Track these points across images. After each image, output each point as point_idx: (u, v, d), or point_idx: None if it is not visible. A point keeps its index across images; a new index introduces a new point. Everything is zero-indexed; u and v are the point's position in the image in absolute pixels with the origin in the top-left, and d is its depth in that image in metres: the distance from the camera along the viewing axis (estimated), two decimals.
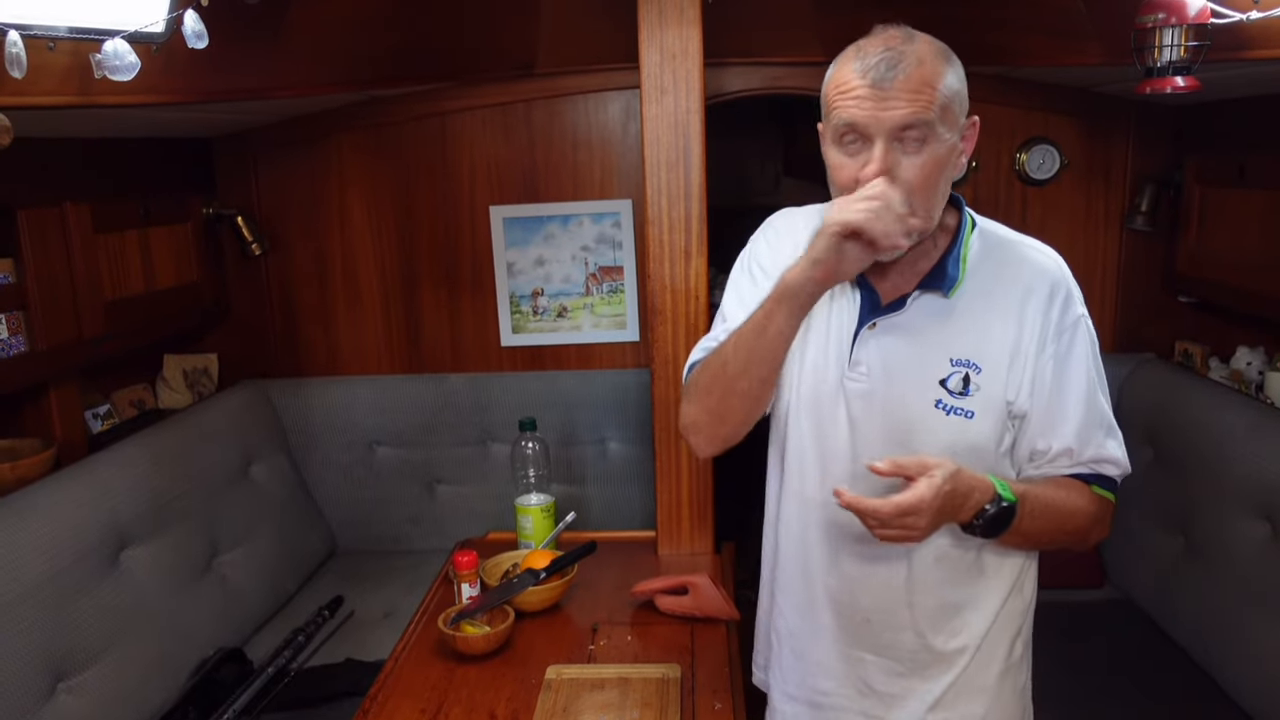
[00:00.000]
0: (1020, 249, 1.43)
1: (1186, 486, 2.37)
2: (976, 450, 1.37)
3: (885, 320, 1.41)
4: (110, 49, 1.58)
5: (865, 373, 1.41)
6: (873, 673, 1.50)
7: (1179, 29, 1.68)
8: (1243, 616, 2.11)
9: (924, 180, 1.29)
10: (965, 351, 1.37)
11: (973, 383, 1.36)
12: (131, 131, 2.47)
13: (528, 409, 2.69)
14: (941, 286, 1.38)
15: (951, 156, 1.32)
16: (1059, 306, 1.37)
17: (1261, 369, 2.46)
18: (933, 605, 1.45)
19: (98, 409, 2.52)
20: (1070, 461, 1.41)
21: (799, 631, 1.56)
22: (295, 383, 3.00)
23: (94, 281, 2.27)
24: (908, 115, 1.26)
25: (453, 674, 1.76)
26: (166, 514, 2.25)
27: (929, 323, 1.39)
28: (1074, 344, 1.38)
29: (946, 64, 1.30)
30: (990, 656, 1.48)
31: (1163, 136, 2.81)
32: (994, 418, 1.37)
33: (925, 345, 1.39)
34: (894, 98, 1.25)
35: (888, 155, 1.27)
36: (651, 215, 2.12)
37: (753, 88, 2.84)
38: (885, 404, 1.40)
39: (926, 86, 1.26)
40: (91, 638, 1.92)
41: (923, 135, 1.27)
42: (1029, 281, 1.38)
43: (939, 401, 1.37)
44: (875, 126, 1.27)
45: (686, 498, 2.23)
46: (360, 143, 2.92)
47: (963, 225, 1.42)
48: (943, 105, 1.27)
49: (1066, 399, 1.38)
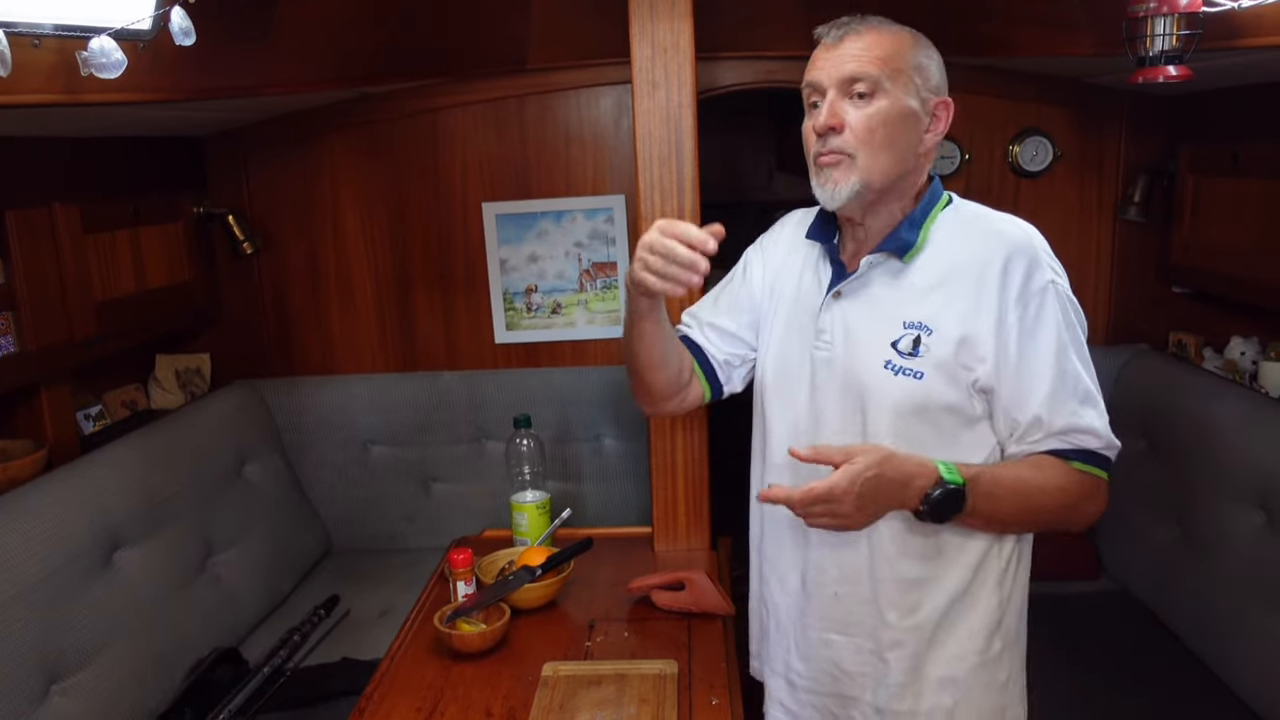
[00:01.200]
0: (989, 221, 1.46)
1: (1181, 476, 2.37)
2: (925, 411, 1.40)
3: (846, 286, 1.47)
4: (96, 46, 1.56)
5: (829, 340, 1.47)
6: (842, 653, 1.52)
7: (1171, 18, 1.68)
8: (1239, 605, 2.11)
9: (868, 131, 1.37)
10: (918, 315, 1.40)
11: (923, 344, 1.39)
12: (120, 130, 2.46)
13: (522, 406, 2.68)
14: (896, 249, 1.43)
15: (906, 119, 1.39)
16: (1020, 274, 1.37)
17: (1255, 358, 2.46)
18: (892, 581, 1.47)
19: (90, 410, 2.51)
20: (1043, 433, 1.40)
21: (780, 605, 1.61)
22: (289, 382, 2.99)
23: (84, 282, 2.26)
24: (854, 69, 1.36)
25: (449, 672, 1.75)
26: (160, 514, 2.24)
27: (885, 288, 1.44)
28: (1042, 311, 1.37)
29: (911, 41, 1.40)
30: (961, 646, 1.48)
31: (1156, 126, 2.80)
32: (945, 379, 1.39)
33: (880, 310, 1.43)
34: (842, 53, 1.38)
35: (835, 104, 1.38)
36: (644, 211, 2.11)
37: (745, 82, 2.83)
38: (844, 369, 1.45)
39: (876, 46, 1.37)
40: (85, 639, 1.91)
41: (869, 89, 1.37)
42: (990, 250, 1.40)
43: (888, 362, 1.40)
44: (825, 79, 1.39)
45: (682, 493, 2.22)
46: (352, 140, 2.90)
47: (930, 195, 1.46)
48: (895, 67, 1.37)
49: (1033, 367, 1.37)
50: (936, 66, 1.42)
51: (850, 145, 1.38)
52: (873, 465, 1.29)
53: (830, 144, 1.39)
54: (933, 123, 1.43)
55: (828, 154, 1.39)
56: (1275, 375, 2.34)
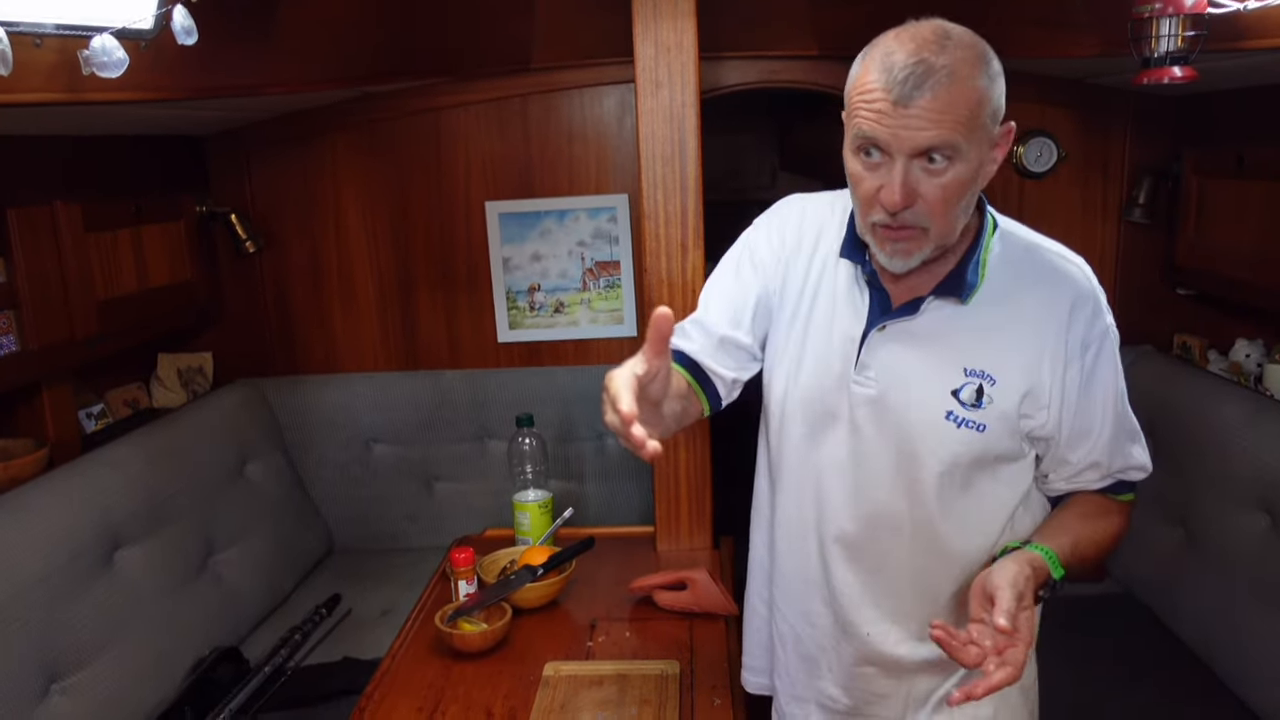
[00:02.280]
0: (1045, 256, 1.36)
1: (1186, 479, 2.36)
2: (980, 463, 1.34)
3: (896, 325, 1.35)
4: (98, 45, 1.56)
5: (874, 377, 1.35)
6: (874, 680, 1.49)
7: (1176, 19, 1.67)
8: (1243, 608, 2.10)
9: (944, 203, 1.21)
10: (980, 362, 1.31)
11: (986, 395, 1.31)
12: (122, 129, 2.46)
13: (525, 405, 2.68)
14: (959, 293, 1.32)
15: (978, 172, 1.24)
16: (1084, 321, 1.31)
17: (1260, 361, 2.45)
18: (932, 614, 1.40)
19: (91, 408, 2.51)
20: (1098, 475, 1.39)
21: (804, 636, 1.54)
22: (291, 381, 2.99)
23: (86, 280, 2.26)
24: (931, 139, 1.17)
25: (450, 671, 1.75)
26: (161, 513, 2.24)
27: (943, 330, 1.33)
28: (1100, 356, 1.33)
29: (982, 71, 1.20)
30: None
31: (1160, 128, 2.80)
32: (1005, 431, 1.32)
33: (938, 353, 1.33)
34: (916, 118, 1.16)
35: (908, 178, 1.19)
36: (647, 210, 2.11)
37: (748, 81, 2.83)
38: (894, 411, 1.35)
39: (954, 105, 1.16)
40: (86, 638, 1.91)
41: (948, 156, 1.19)
42: (1053, 295, 1.32)
43: (950, 413, 1.32)
44: (895, 146, 1.18)
45: (684, 493, 2.22)
46: (354, 139, 2.90)
47: (983, 228, 1.35)
48: (971, 124, 1.18)
49: (1094, 413, 1.34)
50: (1001, 89, 1.24)
51: (924, 218, 1.23)
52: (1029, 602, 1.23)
53: (903, 219, 1.22)
54: (997, 154, 1.28)
55: (899, 228, 1.24)
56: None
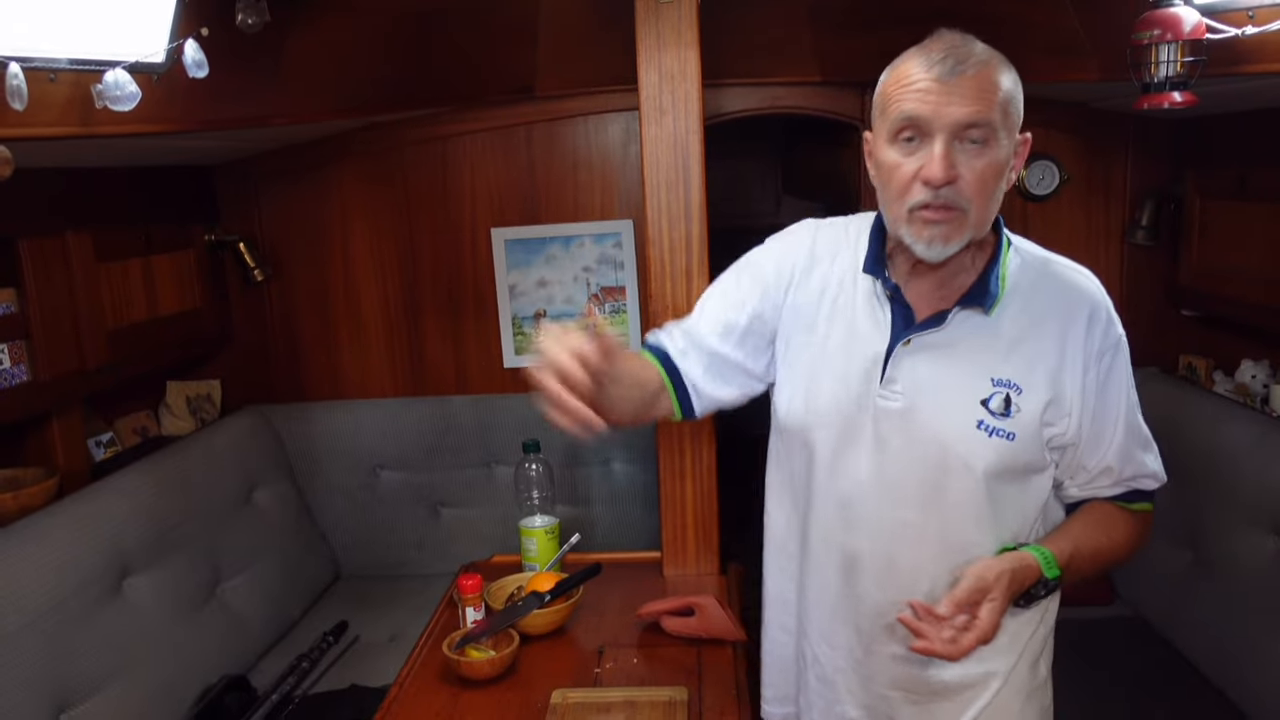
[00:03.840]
0: (1059, 268, 1.41)
1: (1194, 501, 2.35)
2: (1009, 473, 1.35)
3: (921, 338, 1.36)
4: (111, 79, 1.59)
5: (901, 391, 1.36)
6: (898, 706, 1.48)
7: (1175, 45, 1.69)
8: (1253, 631, 2.09)
9: (982, 185, 1.25)
10: (1007, 372, 1.33)
11: (1014, 404, 1.33)
12: (133, 160, 2.48)
13: (531, 430, 2.67)
14: (983, 304, 1.34)
15: (1006, 166, 1.28)
16: (1100, 330, 1.35)
17: (1266, 382, 2.45)
18: None
19: (101, 437, 2.52)
20: (1110, 481, 1.41)
21: (824, 658, 1.53)
22: (298, 408, 3.00)
23: (96, 310, 2.28)
24: (973, 113, 1.22)
25: (457, 699, 1.74)
26: (169, 541, 2.24)
27: (969, 340, 1.35)
28: (1114, 365, 1.37)
29: (1007, 71, 1.27)
30: (1019, 679, 1.46)
31: (1162, 151, 2.81)
32: (1032, 439, 1.34)
33: (967, 363, 1.35)
34: (959, 92, 1.22)
35: (949, 153, 1.23)
36: (652, 236, 2.12)
37: (752, 108, 2.85)
38: (923, 422, 1.36)
39: (991, 85, 1.23)
40: (94, 667, 1.91)
41: (984, 136, 1.24)
42: (1071, 304, 1.36)
43: (981, 422, 1.33)
44: (938, 121, 1.23)
45: (691, 518, 2.22)
46: (361, 168, 2.93)
47: (1001, 242, 1.39)
48: (1003, 109, 1.24)
49: (1108, 420, 1.37)
50: (1021, 96, 1.29)
51: (964, 199, 1.25)
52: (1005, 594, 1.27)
53: (944, 197, 1.25)
54: (1016, 161, 1.31)
55: (940, 208, 1.26)
56: None
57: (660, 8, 2.03)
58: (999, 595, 1.26)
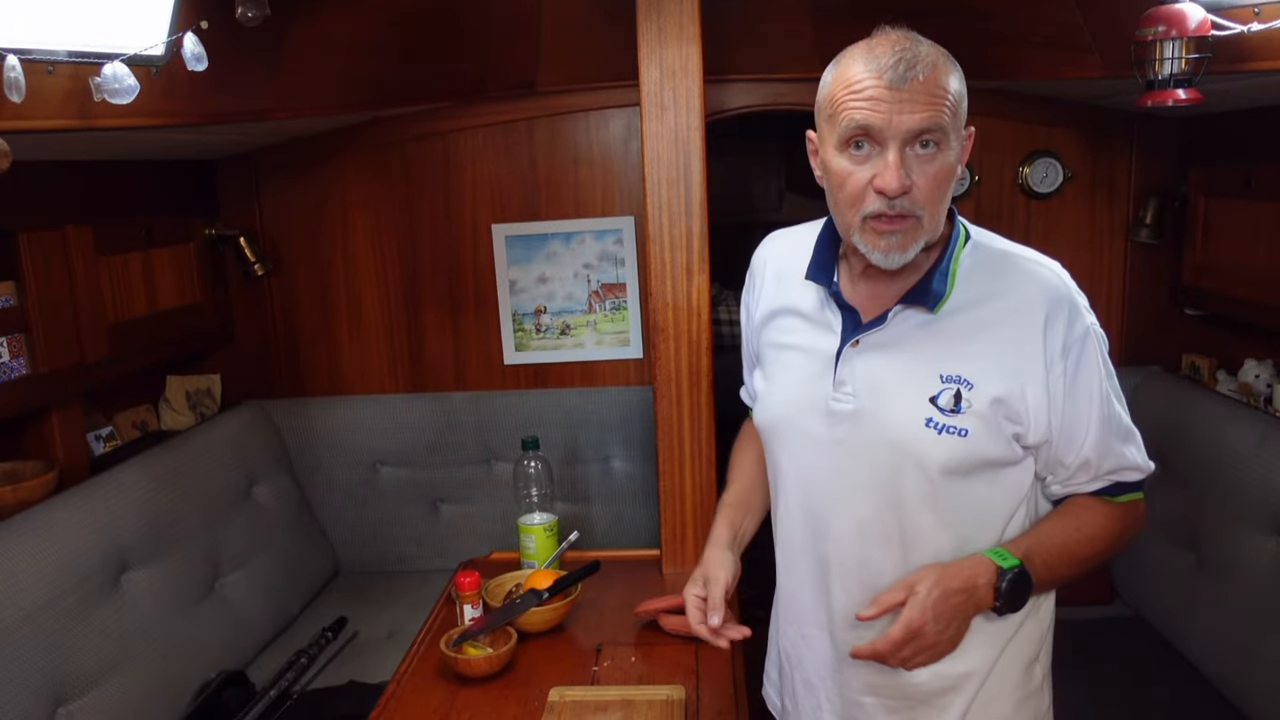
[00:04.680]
0: (1016, 261, 1.37)
1: (1196, 501, 2.34)
2: (969, 469, 1.32)
3: (868, 337, 1.36)
4: (110, 72, 1.58)
5: (851, 392, 1.35)
6: (875, 715, 1.45)
7: (1179, 41, 1.67)
8: (1254, 631, 2.08)
9: (935, 190, 1.24)
10: (956, 368, 1.31)
11: (964, 399, 1.30)
12: (133, 154, 2.48)
13: (531, 427, 2.68)
14: (925, 302, 1.33)
15: (958, 166, 1.28)
16: (1063, 324, 1.30)
17: (1270, 381, 2.44)
18: None
19: (100, 431, 2.52)
20: (1090, 475, 1.37)
21: (805, 660, 1.53)
22: (298, 403, 3.00)
23: (96, 304, 2.27)
24: (926, 120, 1.20)
25: (455, 697, 1.74)
26: (168, 536, 2.24)
27: (916, 338, 1.34)
28: (1083, 357, 1.32)
29: (954, 67, 1.25)
30: (1005, 681, 1.43)
31: (1167, 148, 2.80)
32: (988, 434, 1.31)
33: (913, 361, 1.33)
34: (910, 100, 1.20)
35: (902, 162, 1.22)
36: (653, 233, 2.11)
37: (753, 104, 2.84)
38: (873, 423, 1.34)
39: (941, 88, 1.21)
40: (92, 661, 1.91)
41: (937, 141, 1.22)
42: (1028, 299, 1.31)
43: (930, 420, 1.30)
44: (890, 130, 1.21)
45: (690, 516, 2.21)
46: (362, 163, 2.92)
47: (954, 237, 1.36)
48: (954, 111, 1.23)
49: (1080, 414, 1.33)
50: (966, 96, 1.27)
51: (918, 206, 1.24)
52: (933, 585, 1.25)
53: (899, 206, 1.24)
54: (962, 156, 1.30)
55: (895, 217, 1.24)
56: None
57: (662, 3, 2.03)
58: (924, 589, 1.24)
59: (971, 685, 1.41)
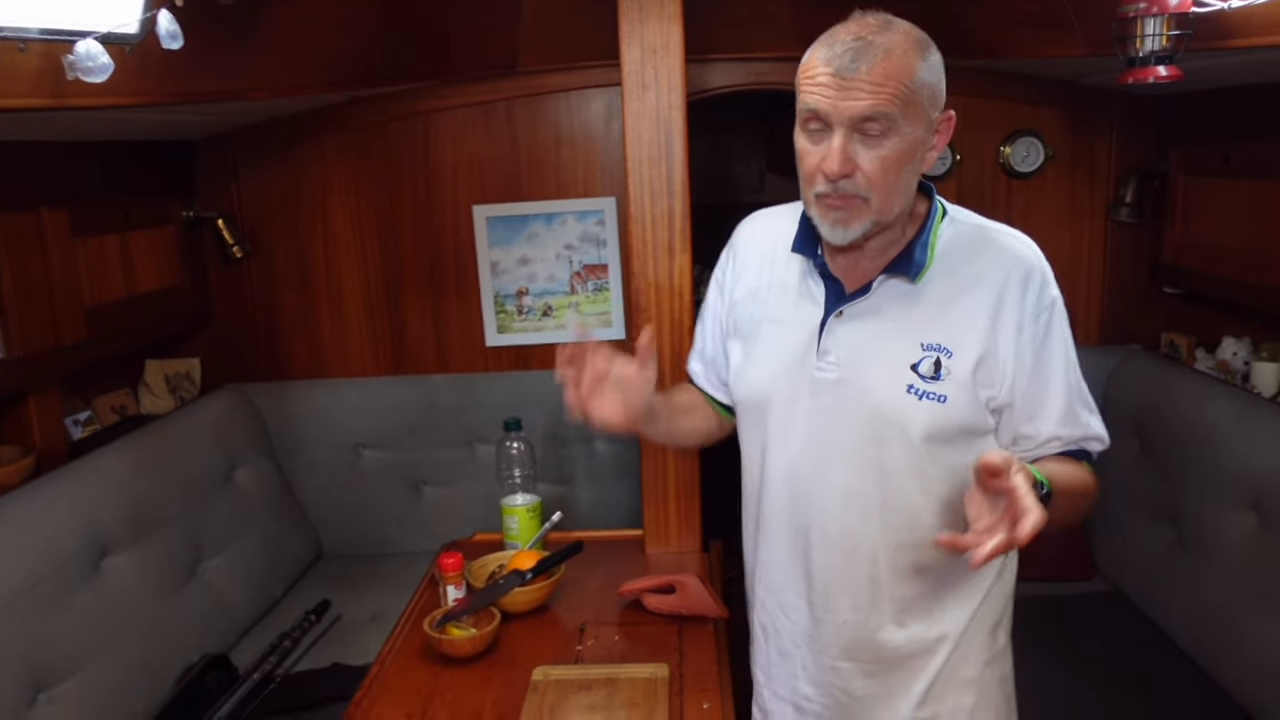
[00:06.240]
0: (992, 234, 1.42)
1: (1174, 477, 2.37)
2: (947, 436, 1.37)
3: (851, 308, 1.41)
4: (83, 50, 1.55)
5: (835, 361, 1.41)
6: (851, 679, 1.49)
7: (1160, 18, 1.68)
8: (1232, 606, 2.11)
9: (882, 174, 1.29)
10: (936, 336, 1.36)
11: (944, 367, 1.35)
12: (109, 135, 2.44)
13: (514, 409, 2.66)
14: (907, 272, 1.38)
15: (917, 151, 1.31)
16: (1035, 291, 1.36)
17: (1247, 359, 2.46)
18: (909, 594, 1.45)
19: (78, 415, 2.49)
20: (1060, 444, 1.41)
21: (782, 629, 1.56)
22: (279, 386, 2.98)
23: (72, 286, 2.25)
24: (867, 107, 1.24)
25: (439, 677, 1.74)
26: (149, 520, 2.23)
27: (897, 308, 1.39)
28: (1051, 326, 1.38)
29: (920, 56, 1.27)
30: (972, 644, 1.47)
31: (1147, 128, 2.80)
32: (966, 401, 1.36)
33: (895, 330, 1.38)
34: (856, 88, 1.24)
35: (846, 146, 1.27)
36: (635, 213, 2.10)
37: (735, 84, 2.83)
38: (856, 391, 1.39)
39: (891, 79, 1.24)
40: (73, 647, 1.90)
41: (884, 128, 1.26)
42: (1002, 267, 1.37)
43: (911, 386, 1.36)
44: (835, 116, 1.26)
45: (673, 496, 2.22)
46: (342, 144, 2.89)
47: (932, 212, 1.42)
48: (907, 99, 1.26)
49: (1049, 382, 1.38)
50: (939, 77, 1.31)
51: (863, 188, 1.29)
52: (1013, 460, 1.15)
53: (842, 188, 1.30)
54: (936, 140, 1.34)
55: (840, 197, 1.30)
56: (1267, 376, 2.34)
57: None
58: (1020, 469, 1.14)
59: (945, 648, 1.46)
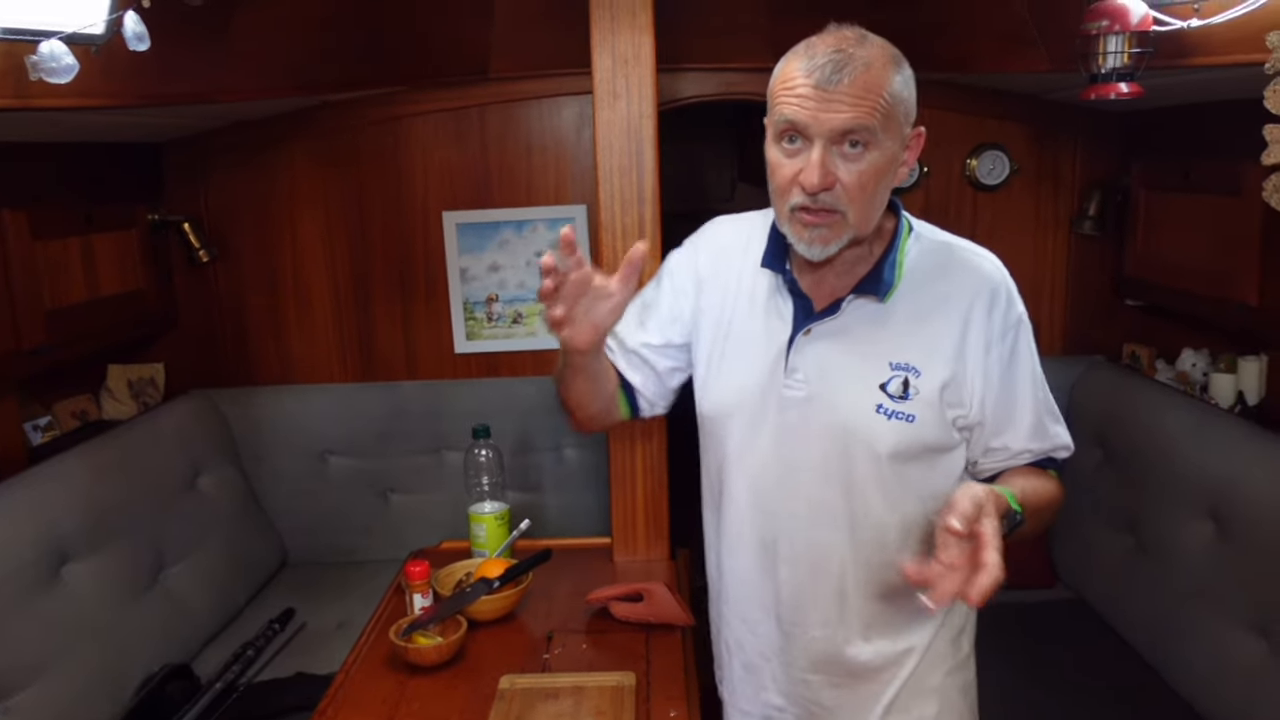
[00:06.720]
0: (958, 253, 1.43)
1: (1135, 486, 2.40)
2: (914, 454, 1.38)
3: (820, 326, 1.40)
4: (46, 50, 1.54)
5: (803, 379, 1.40)
6: (820, 690, 1.50)
7: (1122, 36, 1.71)
8: (1189, 613, 2.14)
9: (860, 188, 1.28)
10: (904, 356, 1.36)
11: (912, 386, 1.36)
12: (74, 136, 2.41)
13: (483, 416, 2.65)
14: (876, 292, 1.37)
15: (892, 165, 1.30)
16: (1001, 311, 1.37)
17: (1206, 370, 2.50)
18: (876, 611, 1.45)
19: (38, 420, 2.45)
20: (1031, 455, 1.43)
21: (747, 645, 1.56)
22: (245, 392, 2.95)
23: (33, 289, 2.21)
24: (849, 120, 1.23)
25: (404, 686, 1.72)
26: (110, 527, 2.19)
27: (866, 327, 1.39)
28: (1018, 342, 1.39)
29: (895, 70, 1.27)
30: (938, 654, 1.49)
31: (1110, 142, 2.85)
32: (934, 420, 1.37)
33: (864, 350, 1.38)
34: (837, 100, 1.23)
35: (826, 159, 1.26)
36: (605, 221, 2.10)
37: (706, 93, 2.84)
38: (824, 410, 1.39)
39: (871, 92, 1.23)
40: (31, 656, 1.87)
41: (864, 141, 1.25)
42: (970, 286, 1.38)
43: (880, 406, 1.36)
44: (815, 128, 1.25)
45: (641, 504, 2.22)
46: (312, 148, 2.88)
47: (899, 230, 1.41)
48: (886, 113, 1.25)
49: (1018, 398, 1.39)
50: (912, 93, 1.30)
51: (841, 203, 1.28)
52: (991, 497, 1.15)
53: (821, 201, 1.28)
54: (908, 155, 1.34)
55: (818, 211, 1.29)
56: (1225, 387, 2.38)
57: None
58: (992, 512, 1.14)
59: (911, 660, 1.47)
